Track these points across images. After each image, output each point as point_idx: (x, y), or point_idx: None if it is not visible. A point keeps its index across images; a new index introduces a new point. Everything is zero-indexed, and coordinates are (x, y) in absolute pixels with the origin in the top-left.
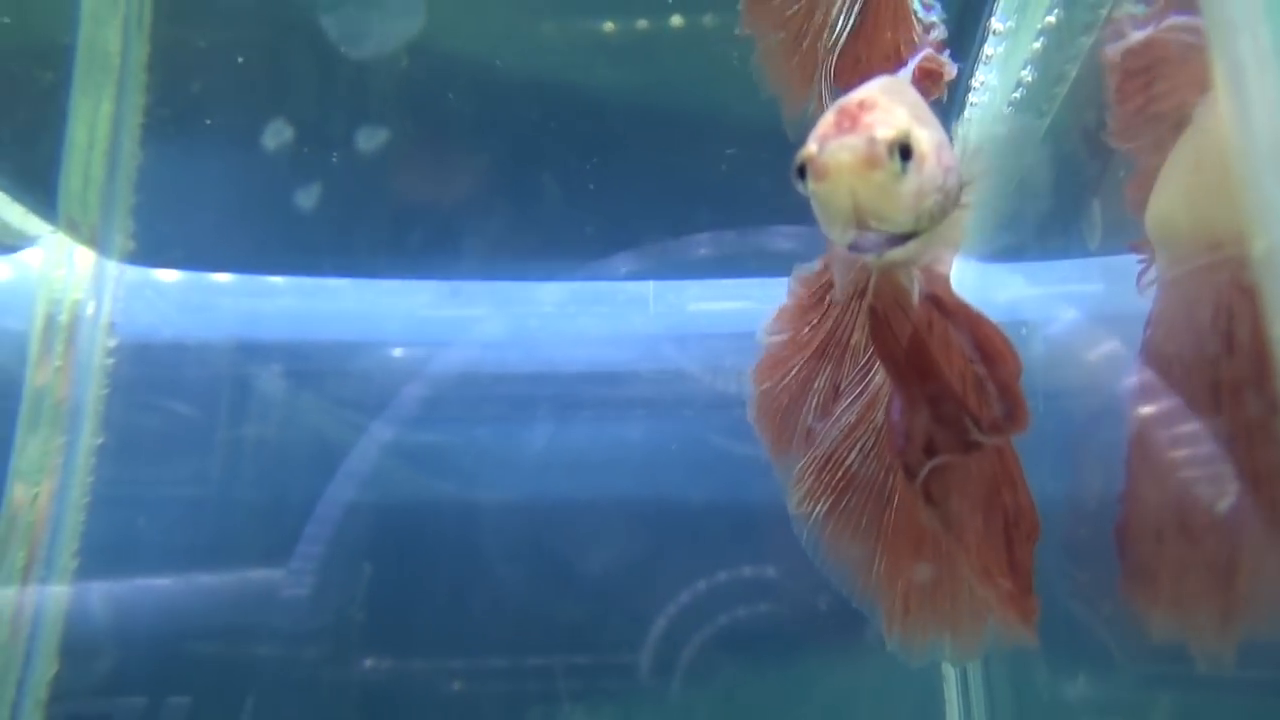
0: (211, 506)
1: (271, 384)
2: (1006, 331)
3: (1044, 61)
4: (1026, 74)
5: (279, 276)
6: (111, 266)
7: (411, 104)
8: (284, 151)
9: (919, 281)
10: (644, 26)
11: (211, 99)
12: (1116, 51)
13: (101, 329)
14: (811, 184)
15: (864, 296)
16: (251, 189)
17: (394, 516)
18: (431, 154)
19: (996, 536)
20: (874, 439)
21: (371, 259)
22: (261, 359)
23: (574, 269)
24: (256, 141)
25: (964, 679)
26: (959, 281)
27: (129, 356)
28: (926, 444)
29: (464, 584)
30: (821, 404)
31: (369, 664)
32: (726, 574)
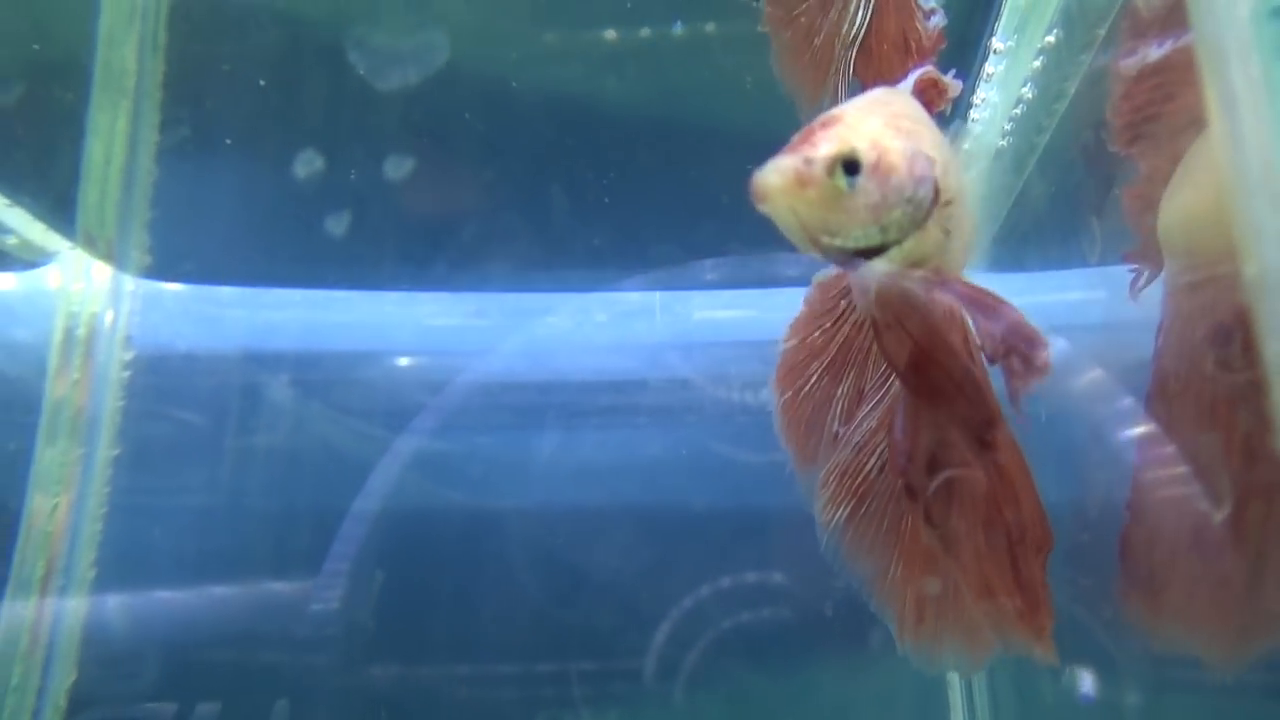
0: (227, 516)
1: (283, 394)
2: None
3: (1044, 79)
4: (1027, 91)
5: (290, 289)
6: (128, 280)
7: (421, 118)
8: (294, 167)
9: (923, 287)
10: (651, 40)
11: (224, 116)
12: (1131, 67)
13: (118, 342)
14: (758, 206)
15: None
16: (262, 203)
17: (407, 524)
18: (440, 167)
19: (1000, 553)
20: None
21: (382, 271)
22: (274, 369)
23: (582, 280)
24: (267, 157)
25: (968, 684)
26: None
27: (145, 369)
28: (930, 463)
29: (475, 591)
30: (846, 410)
31: (380, 671)
32: (733, 580)
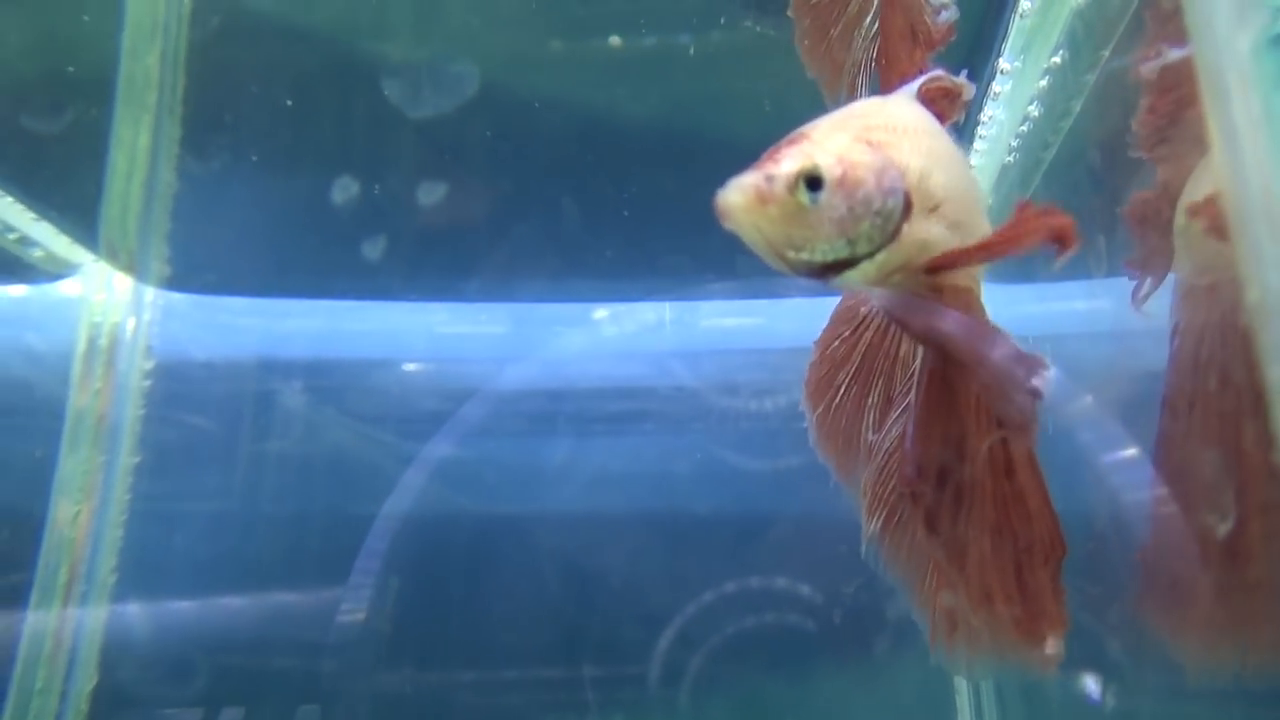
0: (246, 522)
1: (299, 401)
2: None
3: (1049, 98)
4: (1033, 109)
5: (305, 299)
6: (148, 291)
7: (436, 132)
8: (307, 179)
9: (920, 315)
10: (661, 51)
11: (242, 130)
12: (1153, 70)
13: (139, 351)
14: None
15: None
16: (278, 215)
17: (427, 532)
18: (454, 179)
19: (1005, 560)
20: None
21: (395, 281)
22: (289, 377)
23: (592, 290)
24: (284, 170)
25: (976, 689)
26: None
27: (164, 377)
28: (940, 471)
29: (492, 596)
30: (878, 418)
31: (401, 676)
32: (744, 586)
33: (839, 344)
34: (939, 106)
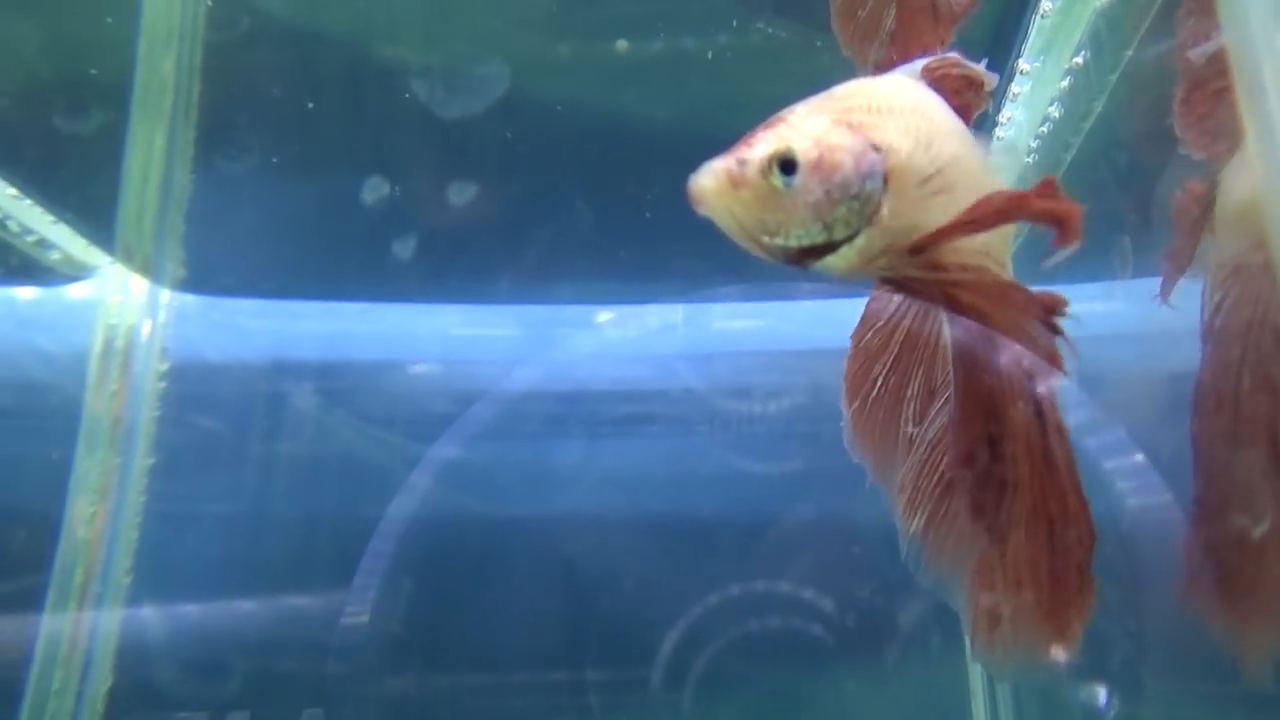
0: (259, 524)
1: (311, 402)
2: None
3: (1071, 99)
4: (1054, 110)
5: (316, 301)
6: (163, 293)
7: (447, 133)
8: (319, 182)
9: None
10: (674, 54)
11: (255, 133)
12: (1201, 55)
13: (154, 353)
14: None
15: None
16: (290, 218)
17: (434, 532)
18: (467, 181)
19: (1038, 546)
20: None
21: (407, 283)
22: (301, 378)
23: (604, 292)
24: (295, 173)
25: (992, 696)
26: None
27: (179, 379)
28: (983, 460)
29: (497, 598)
30: (918, 410)
31: (410, 679)
32: (756, 590)
33: (873, 335)
34: (963, 98)
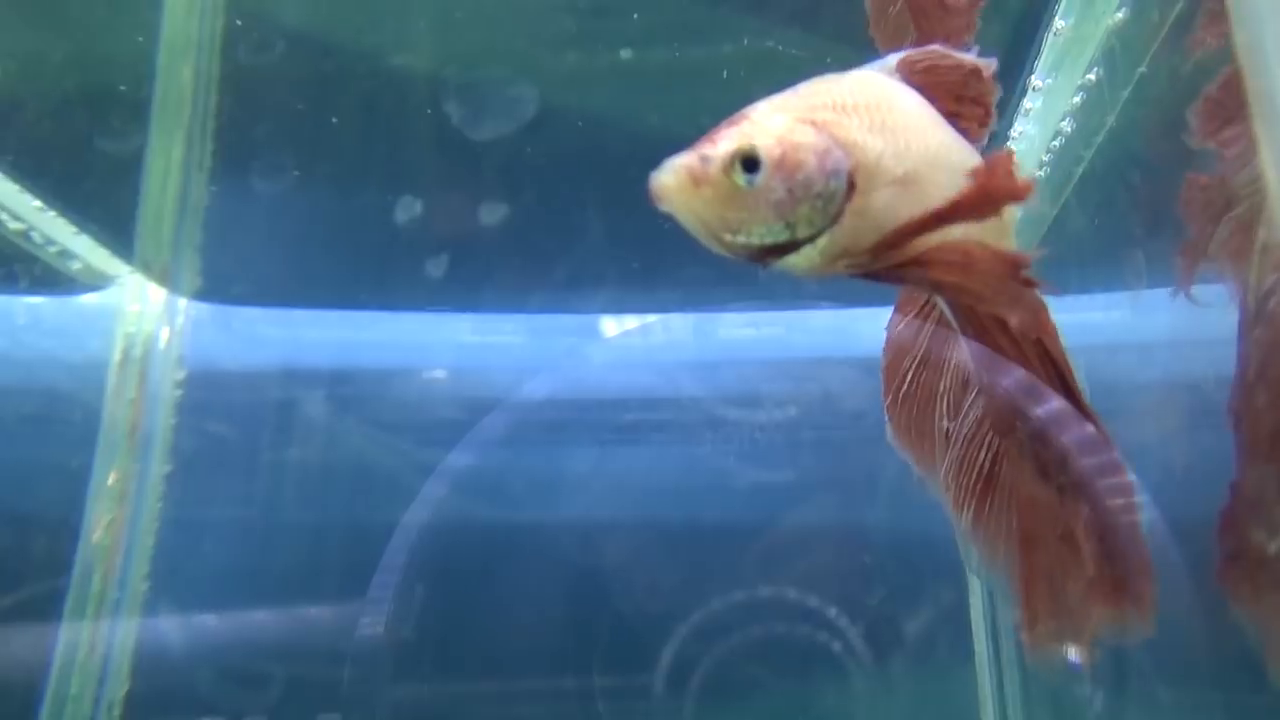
0: (275, 531)
1: (326, 410)
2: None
3: (1083, 114)
4: (1065, 125)
5: (329, 310)
6: (180, 302)
7: (458, 144)
8: (333, 193)
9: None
10: (686, 67)
11: (272, 144)
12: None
13: (172, 361)
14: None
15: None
16: (304, 227)
17: (445, 539)
18: (476, 191)
19: (1093, 521)
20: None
21: (420, 292)
22: (316, 386)
23: (614, 301)
24: (309, 184)
25: (1002, 703)
26: None
27: (195, 387)
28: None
29: (508, 605)
30: (953, 404)
31: (425, 686)
32: (764, 597)
33: (904, 329)
34: (968, 90)
